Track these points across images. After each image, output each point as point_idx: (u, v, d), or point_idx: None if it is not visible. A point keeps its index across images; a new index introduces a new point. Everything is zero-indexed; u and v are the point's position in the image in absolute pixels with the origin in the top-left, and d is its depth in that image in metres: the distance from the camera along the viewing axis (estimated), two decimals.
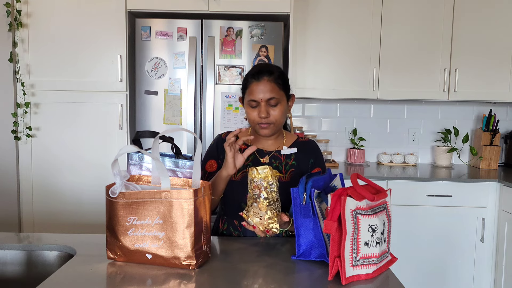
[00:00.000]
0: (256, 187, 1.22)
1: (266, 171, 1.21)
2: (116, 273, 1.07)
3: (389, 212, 1.15)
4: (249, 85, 1.42)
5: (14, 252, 1.27)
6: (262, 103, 1.40)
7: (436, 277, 2.60)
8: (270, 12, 2.44)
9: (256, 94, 1.40)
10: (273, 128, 1.43)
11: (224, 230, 1.48)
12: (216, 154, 1.52)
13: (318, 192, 1.18)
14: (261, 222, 1.21)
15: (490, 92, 2.81)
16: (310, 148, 1.53)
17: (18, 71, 2.46)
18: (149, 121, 2.49)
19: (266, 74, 1.41)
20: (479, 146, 3.01)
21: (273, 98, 1.40)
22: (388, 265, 1.14)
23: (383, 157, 3.07)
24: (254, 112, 1.42)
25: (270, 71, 1.42)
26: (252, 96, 1.40)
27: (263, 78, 1.40)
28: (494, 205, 2.56)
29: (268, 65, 1.52)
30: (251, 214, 1.22)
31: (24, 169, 2.52)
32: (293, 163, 1.48)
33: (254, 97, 1.40)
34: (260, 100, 1.40)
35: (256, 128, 1.45)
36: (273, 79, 1.41)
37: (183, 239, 1.06)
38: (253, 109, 1.42)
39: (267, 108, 1.40)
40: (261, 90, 1.39)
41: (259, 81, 1.40)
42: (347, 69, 2.80)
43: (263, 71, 1.42)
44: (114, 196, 1.09)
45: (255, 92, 1.40)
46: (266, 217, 1.20)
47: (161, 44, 2.45)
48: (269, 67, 1.45)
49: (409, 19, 2.77)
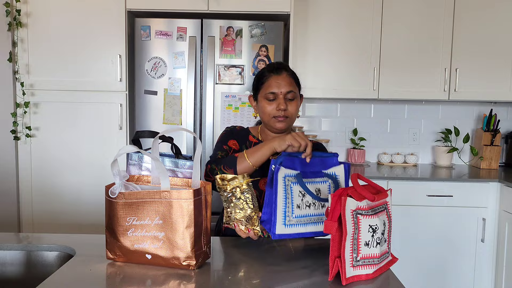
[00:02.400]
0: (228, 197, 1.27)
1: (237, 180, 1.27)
2: (115, 273, 1.06)
3: (389, 212, 1.14)
4: (267, 79, 1.45)
5: (14, 252, 1.26)
6: (280, 95, 1.43)
7: (436, 277, 2.60)
8: (270, 11, 2.44)
9: (275, 87, 1.43)
10: (288, 122, 1.46)
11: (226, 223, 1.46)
12: (232, 137, 1.52)
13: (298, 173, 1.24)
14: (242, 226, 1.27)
15: (491, 92, 2.80)
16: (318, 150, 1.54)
17: (18, 71, 2.46)
18: (149, 121, 2.49)
19: (284, 69, 1.47)
20: (479, 146, 3.01)
21: (292, 92, 1.44)
22: (389, 266, 1.14)
23: (384, 157, 3.07)
24: (271, 106, 1.43)
25: (287, 67, 1.49)
26: (271, 88, 1.43)
27: (282, 72, 1.45)
28: (495, 205, 2.55)
29: (283, 62, 1.56)
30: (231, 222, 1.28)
31: (23, 169, 2.51)
32: None
33: (274, 89, 1.43)
34: (280, 92, 1.43)
35: (271, 123, 1.46)
36: (291, 74, 1.47)
37: (182, 239, 1.05)
38: (270, 102, 1.44)
39: (285, 101, 1.43)
40: (281, 83, 1.43)
41: (279, 74, 1.45)
42: (348, 69, 2.79)
43: (282, 66, 1.48)
44: (114, 196, 1.08)
45: (274, 85, 1.43)
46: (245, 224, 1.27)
47: (161, 43, 2.45)
48: (286, 64, 1.52)
49: (410, 19, 2.77)
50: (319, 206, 1.25)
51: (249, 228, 1.26)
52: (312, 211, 1.24)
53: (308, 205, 1.24)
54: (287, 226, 1.20)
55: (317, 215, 1.25)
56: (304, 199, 1.23)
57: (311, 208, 1.24)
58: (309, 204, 1.24)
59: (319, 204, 1.26)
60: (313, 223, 1.25)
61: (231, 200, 1.27)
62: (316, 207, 1.25)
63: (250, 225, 1.26)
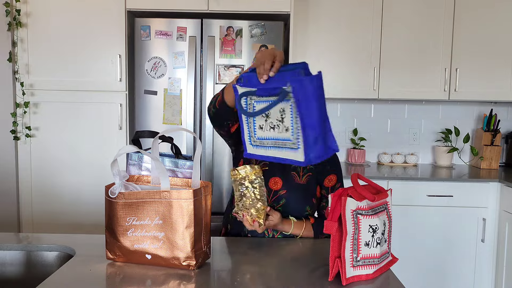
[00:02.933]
0: (238, 187, 1.29)
1: (245, 170, 1.28)
2: (115, 273, 1.06)
3: (389, 212, 1.14)
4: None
5: (14, 253, 1.26)
6: None
7: (436, 277, 2.59)
8: (270, 11, 2.44)
9: None
10: None
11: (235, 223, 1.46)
12: None
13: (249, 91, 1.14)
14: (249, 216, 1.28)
15: (491, 92, 2.80)
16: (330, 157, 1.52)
17: (17, 71, 2.45)
18: (149, 121, 2.48)
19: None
20: (480, 146, 3.01)
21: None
22: (389, 266, 1.14)
23: (384, 157, 3.07)
24: None
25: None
26: None
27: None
28: (495, 205, 2.55)
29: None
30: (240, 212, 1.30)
31: (23, 169, 2.51)
32: (311, 167, 1.45)
33: None
34: None
35: None
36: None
37: (182, 240, 1.05)
38: None
39: None
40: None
41: None
42: (348, 69, 2.79)
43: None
44: (114, 196, 1.08)
45: None
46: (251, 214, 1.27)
47: (160, 43, 2.44)
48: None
49: (410, 19, 2.77)
50: (282, 130, 1.10)
51: (254, 218, 1.27)
52: (276, 134, 1.12)
53: (272, 127, 1.12)
54: (254, 146, 1.17)
55: (282, 139, 1.11)
56: (268, 120, 1.11)
57: (274, 131, 1.12)
58: (273, 126, 1.11)
59: (282, 127, 1.10)
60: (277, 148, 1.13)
61: (240, 189, 1.28)
62: (280, 130, 1.11)
63: (256, 216, 1.27)
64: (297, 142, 1.08)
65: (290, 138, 1.09)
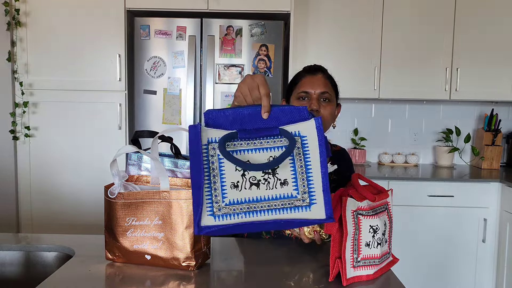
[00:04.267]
0: None
1: None
2: (115, 274, 1.06)
3: (390, 212, 1.14)
4: (301, 79, 1.38)
5: (12, 253, 1.26)
6: (314, 95, 1.34)
7: (437, 277, 2.59)
8: (270, 10, 2.43)
9: (309, 86, 1.34)
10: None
11: None
12: None
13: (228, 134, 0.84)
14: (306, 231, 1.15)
15: (492, 92, 2.80)
16: (345, 160, 1.49)
17: (17, 71, 2.45)
18: (148, 121, 2.48)
19: (321, 71, 1.39)
20: (480, 146, 3.00)
21: (326, 93, 1.35)
22: (390, 266, 1.13)
23: (384, 157, 3.06)
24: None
25: (324, 70, 1.41)
26: (304, 88, 1.35)
27: (318, 74, 1.38)
28: (496, 205, 2.54)
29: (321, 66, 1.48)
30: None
31: (22, 169, 2.51)
32: (334, 177, 1.40)
33: (307, 89, 1.34)
34: (313, 92, 1.34)
35: None
36: (327, 77, 1.39)
37: (182, 240, 1.04)
38: (302, 102, 1.35)
39: (319, 103, 1.34)
40: (315, 83, 1.35)
41: (315, 75, 1.37)
42: (348, 68, 2.79)
43: (318, 68, 1.40)
44: (113, 196, 1.08)
45: (308, 84, 1.35)
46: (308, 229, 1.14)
47: (160, 43, 2.44)
48: (324, 68, 1.43)
49: (410, 18, 2.76)
50: (275, 184, 0.84)
51: (316, 230, 1.15)
52: (263, 192, 0.84)
53: (255, 183, 0.84)
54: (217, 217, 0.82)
55: (276, 198, 0.84)
56: (247, 174, 0.83)
57: (260, 188, 0.83)
58: (257, 181, 0.84)
59: (275, 180, 0.84)
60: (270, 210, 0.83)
61: None
62: (271, 186, 0.84)
63: (318, 226, 1.13)
64: (310, 196, 0.85)
65: (293, 194, 0.84)
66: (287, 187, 0.83)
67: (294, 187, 0.83)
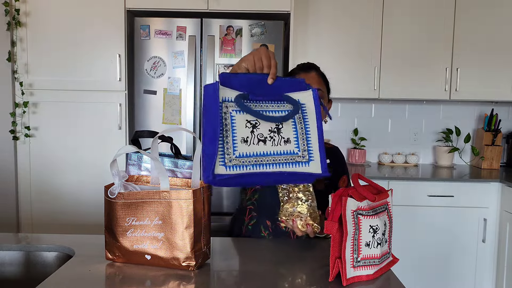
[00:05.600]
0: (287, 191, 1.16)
1: None
2: (115, 274, 1.06)
3: (390, 212, 1.14)
4: (295, 76, 1.43)
5: (13, 253, 1.26)
6: None
7: (437, 277, 2.59)
8: (270, 10, 2.43)
9: None
10: None
11: (250, 225, 1.44)
12: None
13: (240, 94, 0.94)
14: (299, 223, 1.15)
15: (492, 92, 2.80)
16: (338, 157, 1.53)
17: (17, 71, 2.45)
18: (148, 121, 2.48)
19: (314, 68, 1.45)
20: (480, 146, 3.00)
21: (320, 90, 1.41)
22: (389, 266, 1.13)
23: (384, 157, 3.06)
24: None
25: (317, 67, 1.47)
26: None
27: (312, 71, 1.44)
28: (496, 205, 2.54)
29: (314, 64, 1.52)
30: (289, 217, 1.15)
31: (22, 169, 2.51)
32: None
33: None
34: None
35: None
36: (321, 74, 1.46)
37: (182, 240, 1.04)
38: None
39: None
40: (309, 81, 1.39)
41: (309, 73, 1.43)
42: (348, 68, 2.79)
43: (311, 66, 1.46)
44: (113, 196, 1.08)
45: None
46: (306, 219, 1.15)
47: (160, 43, 2.44)
48: (316, 65, 1.49)
49: (411, 18, 2.76)
50: (280, 141, 0.95)
51: (308, 223, 1.15)
52: (269, 148, 0.94)
53: (262, 140, 0.93)
54: (228, 167, 0.90)
55: (280, 153, 0.95)
56: (255, 131, 0.92)
57: (267, 144, 0.93)
58: (264, 138, 0.93)
59: (279, 138, 0.95)
60: (274, 164, 0.94)
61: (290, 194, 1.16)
62: (276, 142, 0.94)
63: (311, 219, 1.14)
64: (309, 154, 0.97)
65: (295, 151, 0.95)
66: (289, 144, 0.94)
67: (296, 145, 0.95)
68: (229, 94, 0.93)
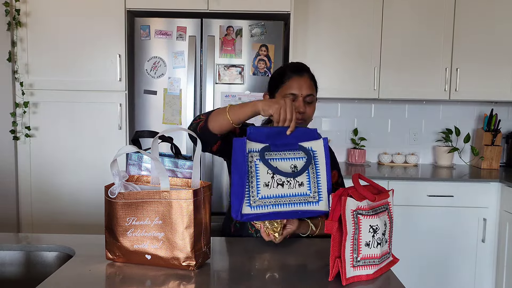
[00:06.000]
0: None
1: None
2: (115, 273, 1.06)
3: (391, 212, 1.14)
4: (288, 79, 1.43)
5: (13, 253, 1.26)
6: (300, 98, 1.41)
7: (437, 277, 2.59)
8: (270, 11, 2.44)
9: (297, 89, 1.41)
10: (303, 125, 1.45)
11: (238, 223, 1.45)
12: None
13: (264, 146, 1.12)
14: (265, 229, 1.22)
15: (492, 92, 2.80)
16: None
17: (17, 71, 2.45)
18: (149, 121, 2.48)
19: (306, 71, 1.46)
20: (480, 146, 3.00)
21: (311, 95, 1.43)
22: (389, 266, 1.14)
23: (384, 157, 3.06)
24: None
25: (308, 69, 1.48)
26: (292, 90, 1.42)
27: (304, 75, 1.45)
28: (496, 205, 2.55)
29: (304, 64, 1.53)
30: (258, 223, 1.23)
31: (22, 169, 2.51)
32: None
33: (295, 91, 1.41)
34: (300, 95, 1.41)
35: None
36: (311, 77, 1.47)
37: (182, 240, 1.05)
38: None
39: (304, 104, 1.42)
40: (302, 86, 1.42)
41: (301, 76, 1.44)
42: (348, 69, 2.79)
43: (304, 68, 1.47)
44: (113, 196, 1.08)
45: (296, 87, 1.42)
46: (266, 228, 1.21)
47: (160, 43, 2.44)
48: (307, 66, 1.50)
49: (410, 18, 2.76)
50: (295, 185, 1.12)
51: (269, 232, 1.21)
52: (287, 191, 1.11)
53: (280, 183, 1.11)
54: (252, 207, 1.08)
55: (295, 195, 1.13)
56: (275, 177, 1.10)
57: (284, 187, 1.11)
58: (282, 182, 1.11)
59: (295, 182, 1.13)
60: (290, 204, 1.12)
61: None
62: (292, 186, 1.12)
63: (271, 230, 1.21)
64: (318, 195, 1.15)
65: (307, 193, 1.13)
66: (303, 187, 1.12)
67: (308, 188, 1.13)
68: (255, 146, 1.12)
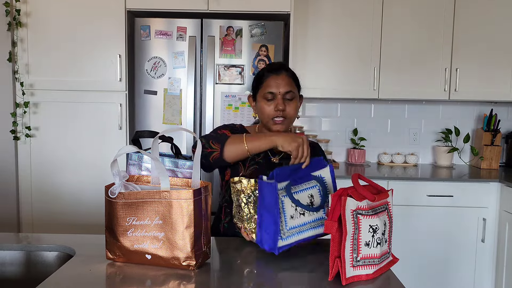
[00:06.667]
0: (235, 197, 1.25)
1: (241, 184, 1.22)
2: (115, 273, 1.06)
3: (390, 212, 1.14)
4: (266, 79, 1.46)
5: (13, 253, 1.26)
6: (279, 96, 1.43)
7: (437, 277, 2.59)
8: (270, 11, 2.44)
9: (274, 87, 1.43)
10: (286, 124, 1.46)
11: (226, 223, 1.46)
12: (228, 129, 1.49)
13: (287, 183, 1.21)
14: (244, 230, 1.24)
15: (491, 92, 2.80)
16: (318, 151, 1.57)
17: (17, 71, 2.45)
18: (149, 121, 2.48)
19: (284, 69, 1.47)
20: (480, 146, 3.00)
21: (290, 92, 1.44)
22: (389, 266, 1.14)
23: (384, 157, 3.06)
24: (270, 106, 1.44)
25: (287, 68, 1.49)
26: (270, 88, 1.43)
27: (281, 73, 1.46)
28: (495, 205, 2.55)
29: (283, 63, 1.55)
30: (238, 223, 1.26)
31: (23, 169, 2.51)
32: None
33: (272, 89, 1.43)
34: (278, 93, 1.43)
35: (269, 124, 1.46)
36: (290, 75, 1.48)
37: (182, 240, 1.05)
38: (269, 103, 1.44)
39: (284, 102, 1.44)
40: (280, 83, 1.44)
41: (278, 75, 1.45)
42: (348, 69, 2.79)
43: (281, 67, 1.48)
44: (114, 196, 1.08)
45: (273, 85, 1.44)
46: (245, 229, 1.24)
47: (160, 43, 2.44)
48: (286, 65, 1.52)
49: (410, 18, 2.77)
50: (313, 212, 1.24)
51: (248, 233, 1.24)
52: (308, 218, 1.22)
53: (302, 213, 1.21)
54: (283, 239, 1.17)
55: (314, 220, 1.23)
56: (298, 208, 1.20)
57: (305, 216, 1.21)
58: (303, 212, 1.21)
59: (313, 209, 1.24)
60: (311, 229, 1.22)
61: (237, 203, 1.25)
62: (311, 213, 1.23)
63: (249, 231, 1.23)
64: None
65: (323, 216, 1.25)
66: (319, 212, 1.25)
67: (323, 212, 1.26)
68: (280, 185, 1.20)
